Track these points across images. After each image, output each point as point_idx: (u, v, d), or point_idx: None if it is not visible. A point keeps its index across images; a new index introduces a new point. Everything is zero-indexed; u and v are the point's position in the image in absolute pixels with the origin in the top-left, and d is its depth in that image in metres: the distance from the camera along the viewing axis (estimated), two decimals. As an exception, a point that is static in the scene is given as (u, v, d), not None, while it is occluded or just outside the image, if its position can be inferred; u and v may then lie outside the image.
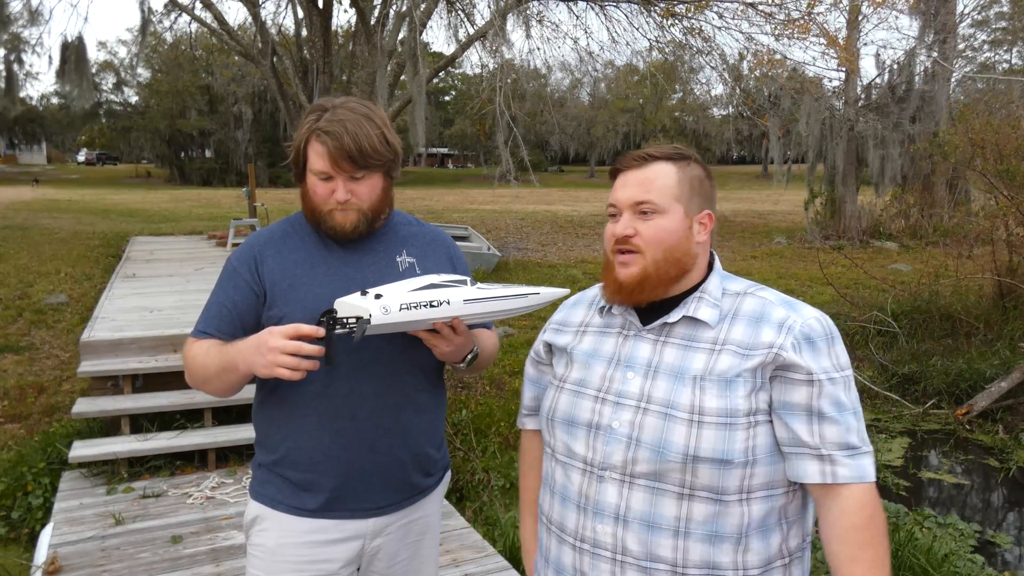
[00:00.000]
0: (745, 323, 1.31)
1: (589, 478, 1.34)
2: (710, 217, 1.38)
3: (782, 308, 1.31)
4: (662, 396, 1.29)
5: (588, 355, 1.41)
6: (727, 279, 1.40)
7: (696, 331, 1.33)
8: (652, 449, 1.27)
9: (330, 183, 1.57)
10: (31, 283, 8.63)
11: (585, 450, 1.34)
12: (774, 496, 1.29)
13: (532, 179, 9.09)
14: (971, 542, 4.41)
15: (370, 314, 1.42)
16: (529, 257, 12.90)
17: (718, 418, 1.24)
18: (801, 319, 1.29)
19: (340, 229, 1.61)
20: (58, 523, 3.73)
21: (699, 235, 1.36)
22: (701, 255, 1.37)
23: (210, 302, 1.67)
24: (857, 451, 1.25)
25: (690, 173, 1.36)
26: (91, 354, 4.98)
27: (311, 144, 1.57)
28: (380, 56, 8.83)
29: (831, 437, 1.24)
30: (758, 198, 29.24)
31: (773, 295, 1.35)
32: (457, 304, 1.50)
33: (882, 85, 16.06)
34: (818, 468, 1.25)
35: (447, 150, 58.87)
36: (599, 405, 1.35)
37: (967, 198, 14.73)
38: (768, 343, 1.27)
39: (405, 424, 1.68)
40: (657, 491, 1.27)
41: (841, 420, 1.25)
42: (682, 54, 11.98)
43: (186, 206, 20.98)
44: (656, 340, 1.35)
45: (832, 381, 1.26)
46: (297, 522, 1.66)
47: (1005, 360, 6.87)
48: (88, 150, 54.66)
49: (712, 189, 1.41)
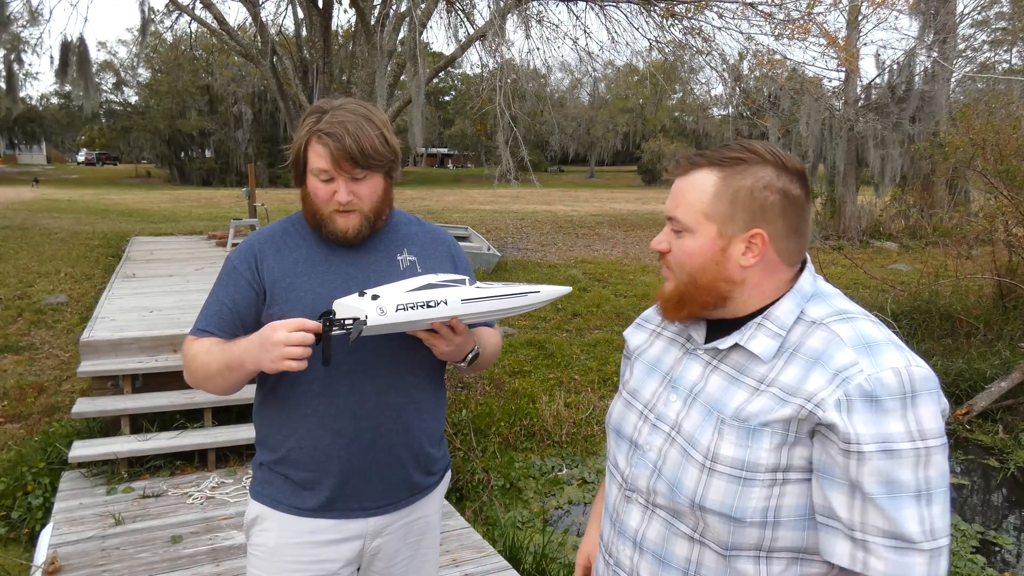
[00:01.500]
0: (801, 363, 1.07)
1: (622, 494, 1.27)
2: (762, 238, 1.12)
3: (851, 351, 1.04)
4: (689, 430, 1.15)
5: (649, 365, 1.30)
6: (816, 300, 1.14)
7: (748, 363, 1.13)
8: (668, 484, 1.16)
9: (331, 184, 1.57)
10: (31, 283, 8.63)
11: (624, 465, 1.27)
12: (808, 562, 1.08)
13: (532, 179, 9.09)
14: (972, 543, 4.41)
15: (366, 315, 1.41)
16: (529, 257, 12.90)
17: (732, 469, 1.07)
18: (871, 369, 1.01)
19: (343, 234, 1.60)
20: (58, 523, 3.73)
21: (743, 258, 1.13)
22: (754, 278, 1.15)
23: (209, 300, 1.67)
24: (911, 546, 0.98)
25: (740, 183, 1.12)
26: (91, 354, 4.98)
27: (311, 146, 1.56)
28: (380, 56, 8.83)
29: (874, 522, 1.00)
30: (758, 198, 29.18)
31: (852, 331, 1.07)
32: (455, 304, 1.49)
33: (882, 85, 16.07)
34: (848, 550, 1.01)
35: (447, 150, 58.85)
36: (641, 423, 1.25)
37: (967, 198, 14.74)
38: (808, 393, 1.04)
39: (406, 423, 1.68)
40: (672, 528, 1.17)
41: (892, 506, 0.99)
42: (682, 54, 11.98)
43: (186, 206, 20.98)
44: (708, 363, 1.18)
45: (892, 454, 0.98)
46: (298, 522, 1.66)
47: (1005, 360, 6.86)
48: (88, 150, 54.63)
49: (784, 202, 1.13)
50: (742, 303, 1.16)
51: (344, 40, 13.08)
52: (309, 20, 9.71)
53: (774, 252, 1.14)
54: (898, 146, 15.24)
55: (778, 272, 1.15)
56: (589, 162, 50.13)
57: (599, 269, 11.87)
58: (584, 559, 1.54)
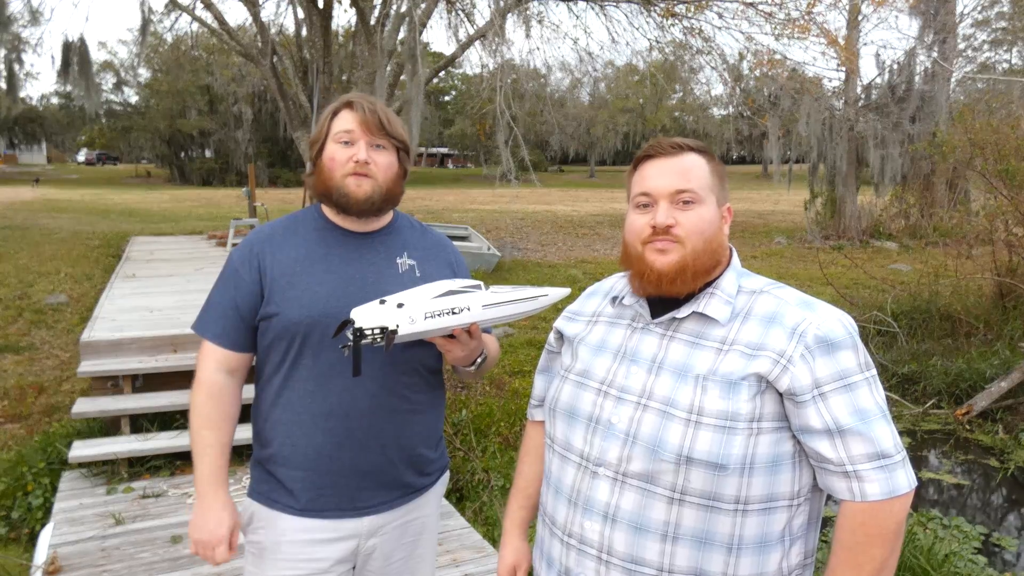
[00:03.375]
0: (757, 323, 1.25)
1: (583, 473, 1.31)
2: (730, 211, 1.37)
3: (798, 309, 1.25)
4: (663, 393, 1.25)
5: (595, 346, 1.38)
6: (745, 276, 1.34)
7: (705, 328, 1.28)
8: (647, 447, 1.23)
9: (350, 149, 1.61)
10: (31, 283, 8.62)
11: (582, 444, 1.32)
12: (774, 510, 1.23)
13: (532, 179, 9.09)
14: (975, 543, 4.40)
15: (397, 325, 1.42)
16: (529, 257, 12.90)
17: (717, 420, 1.20)
18: (818, 320, 1.22)
19: (353, 197, 1.62)
20: (58, 523, 3.73)
21: (725, 227, 1.35)
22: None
23: (212, 301, 1.68)
24: (890, 461, 1.18)
25: (716, 167, 1.34)
26: (91, 354, 4.98)
27: (339, 114, 1.64)
28: (380, 56, 8.83)
29: (857, 450, 1.18)
30: (758, 198, 29.23)
31: (791, 295, 1.29)
32: (477, 310, 1.50)
33: (882, 85, 16.06)
34: (846, 485, 1.19)
35: (447, 150, 58.86)
36: (601, 399, 1.32)
37: (967, 198, 14.74)
38: (778, 350, 1.21)
39: (399, 424, 1.68)
40: (648, 493, 1.23)
41: (867, 429, 1.17)
42: (682, 54, 11.97)
43: (186, 206, 20.98)
44: (663, 335, 1.30)
45: (851, 387, 1.19)
46: (291, 520, 1.66)
47: (1005, 360, 6.86)
48: (88, 150, 54.62)
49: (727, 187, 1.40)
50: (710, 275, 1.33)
51: (344, 40, 13.08)
52: (309, 20, 9.71)
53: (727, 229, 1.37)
54: (898, 146, 15.23)
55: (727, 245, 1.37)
56: (589, 162, 50.12)
57: (599, 269, 11.87)
58: (509, 571, 1.55)
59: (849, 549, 1.20)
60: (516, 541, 1.57)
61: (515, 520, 1.59)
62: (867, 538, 1.18)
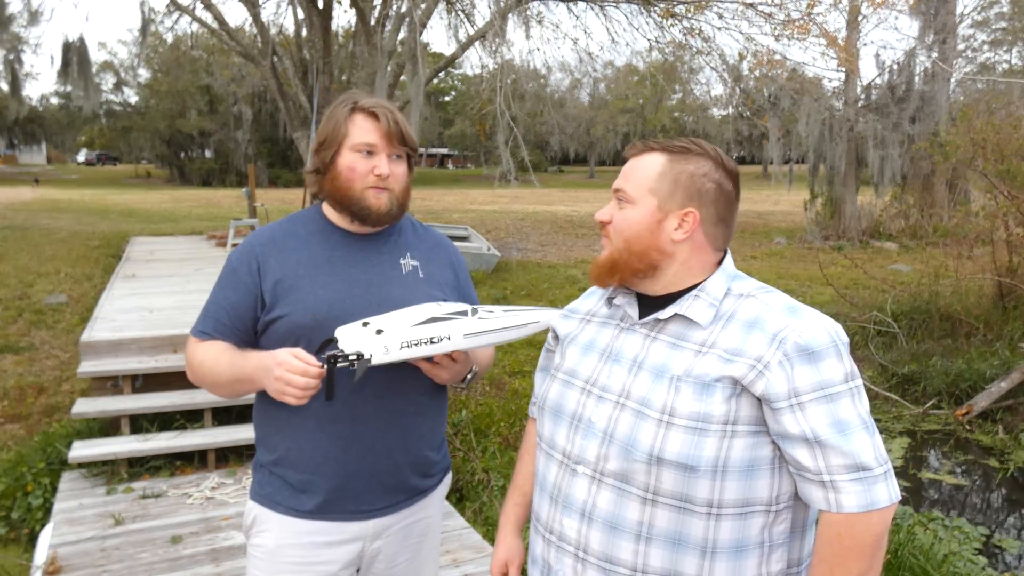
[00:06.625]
0: (739, 327, 1.23)
1: (564, 470, 1.33)
2: (694, 217, 1.27)
3: (782, 315, 1.21)
4: (640, 393, 1.25)
5: (585, 346, 1.39)
6: (737, 279, 1.31)
7: (687, 330, 1.26)
8: (621, 447, 1.24)
9: (371, 160, 1.59)
10: (31, 283, 8.62)
11: (565, 442, 1.33)
12: (750, 515, 1.21)
13: (532, 179, 9.10)
14: (976, 544, 4.40)
15: (371, 354, 1.43)
16: (529, 257, 12.89)
17: (688, 421, 1.19)
18: (800, 327, 1.18)
19: (375, 211, 1.61)
20: (58, 523, 3.73)
21: (675, 232, 1.27)
22: (683, 254, 1.29)
23: (209, 301, 1.67)
24: (869, 474, 1.14)
25: (682, 168, 1.28)
26: (91, 354, 4.98)
27: (354, 120, 1.59)
28: (380, 56, 8.83)
29: (835, 461, 1.15)
30: (758, 198, 29.23)
31: (779, 300, 1.25)
32: (457, 339, 1.49)
33: (882, 85, 16.05)
34: (822, 495, 1.17)
35: (447, 150, 58.88)
36: (584, 397, 1.33)
37: (967, 198, 14.73)
38: (755, 355, 1.18)
39: (405, 427, 1.68)
40: (623, 492, 1.24)
41: (845, 441, 1.14)
42: (682, 54, 11.98)
43: (186, 206, 20.98)
44: (647, 335, 1.30)
45: (832, 397, 1.15)
46: (296, 523, 1.66)
47: (1005, 360, 6.86)
48: (88, 150, 54.65)
49: (717, 192, 1.29)
50: (672, 277, 1.30)
51: (344, 40, 13.09)
52: (309, 20, 9.71)
53: (703, 234, 1.29)
54: (898, 146, 15.23)
55: (705, 254, 1.30)
56: (589, 162, 50.14)
57: (599, 269, 11.85)
58: (500, 567, 1.56)
59: (826, 561, 1.18)
60: (509, 538, 1.58)
61: (510, 517, 1.60)
62: (843, 550, 1.16)
